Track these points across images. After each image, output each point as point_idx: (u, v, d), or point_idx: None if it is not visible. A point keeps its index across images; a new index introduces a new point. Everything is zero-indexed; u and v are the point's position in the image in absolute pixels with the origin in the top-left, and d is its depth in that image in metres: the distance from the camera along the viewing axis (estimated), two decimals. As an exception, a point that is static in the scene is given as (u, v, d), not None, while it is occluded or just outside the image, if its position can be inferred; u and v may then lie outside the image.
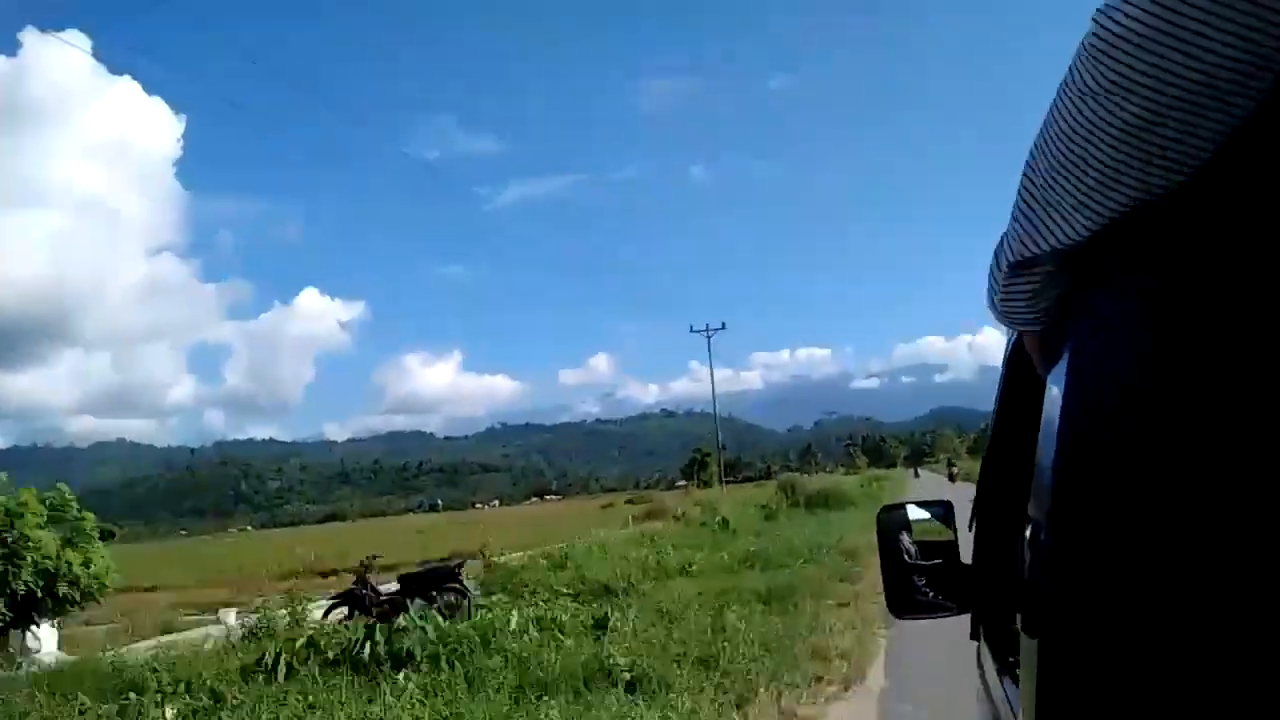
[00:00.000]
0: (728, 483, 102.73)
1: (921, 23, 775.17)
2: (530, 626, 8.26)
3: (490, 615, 9.20)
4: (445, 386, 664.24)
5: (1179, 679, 0.59)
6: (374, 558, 11.88)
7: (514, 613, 8.57)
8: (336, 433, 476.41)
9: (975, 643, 1.95)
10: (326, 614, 11.30)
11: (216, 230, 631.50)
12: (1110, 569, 0.62)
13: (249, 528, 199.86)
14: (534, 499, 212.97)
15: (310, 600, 11.15)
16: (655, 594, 12.10)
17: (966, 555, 1.87)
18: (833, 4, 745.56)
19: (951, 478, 44.28)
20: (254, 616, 10.98)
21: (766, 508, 29.44)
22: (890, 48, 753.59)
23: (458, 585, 11.32)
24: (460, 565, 11.70)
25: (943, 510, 1.90)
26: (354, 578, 11.46)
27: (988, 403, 1.82)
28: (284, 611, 9.77)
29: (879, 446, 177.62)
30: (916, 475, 69.46)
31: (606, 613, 8.71)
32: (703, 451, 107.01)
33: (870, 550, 17.15)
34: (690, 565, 14.58)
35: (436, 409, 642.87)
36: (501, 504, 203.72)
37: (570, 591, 11.84)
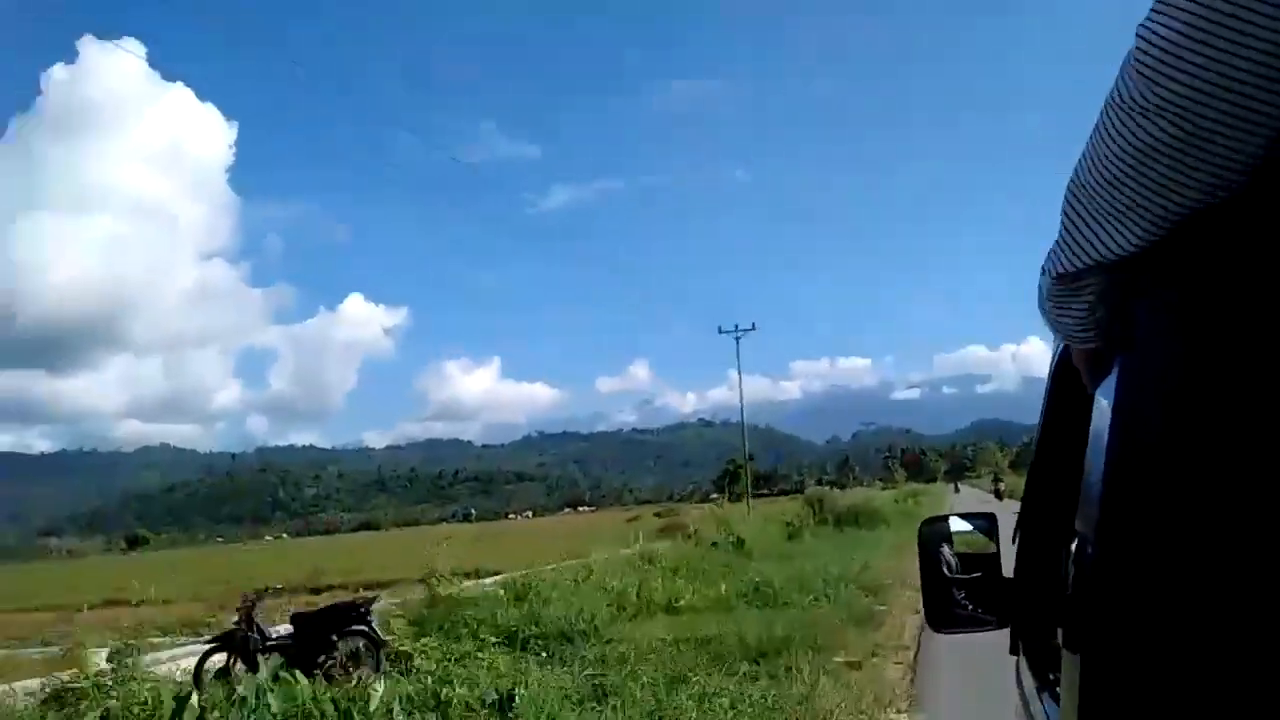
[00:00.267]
0: (762, 495, 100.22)
1: (970, 25, 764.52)
2: (398, 707, 5.87)
3: (371, 680, 6.85)
4: (484, 394, 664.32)
5: (1222, 697, 0.58)
6: (267, 590, 9.61)
7: (379, 684, 6.16)
8: (376, 440, 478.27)
9: (1014, 657, 1.87)
10: (202, 662, 9.05)
11: (265, 235, 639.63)
12: (1157, 585, 0.61)
13: (284, 535, 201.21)
14: (567, 510, 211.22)
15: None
16: (621, 641, 9.68)
17: (1009, 569, 1.78)
18: (880, 6, 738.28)
19: (998, 494, 40.35)
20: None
21: (791, 525, 26.84)
22: (936, 51, 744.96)
23: (365, 629, 8.99)
24: (369, 602, 9.35)
25: (986, 523, 1.85)
26: (238, 610, 9.19)
27: (1031, 415, 1.83)
28: (107, 664, 7.45)
29: (919, 459, 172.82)
30: (957, 490, 66.27)
31: (513, 686, 6.28)
32: (736, 463, 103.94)
33: (901, 584, 14.44)
34: (678, 600, 12.12)
35: (475, 416, 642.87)
36: (535, 515, 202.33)
37: (504, 637, 9.47)
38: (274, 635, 9.08)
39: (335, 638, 8.85)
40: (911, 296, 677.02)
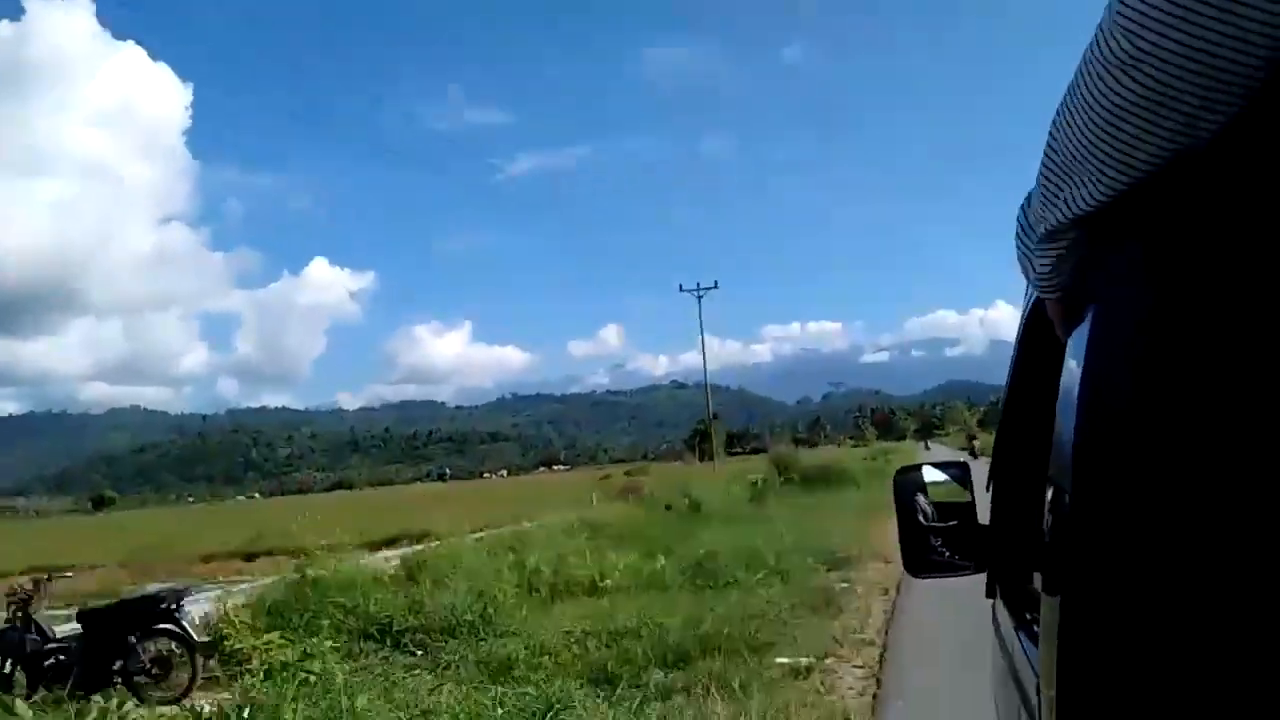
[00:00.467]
0: (735, 454, 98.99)
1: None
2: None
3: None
4: (456, 357, 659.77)
5: (1203, 634, 0.59)
6: (50, 577, 7.57)
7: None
8: (349, 401, 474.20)
9: (991, 600, 1.93)
10: (-35, 669, 7.04)
11: (225, 200, 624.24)
12: (1132, 527, 0.62)
13: (256, 495, 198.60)
14: (542, 469, 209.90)
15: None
16: (517, 635, 7.78)
17: (983, 516, 1.81)
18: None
19: (973, 452, 37.51)
20: None
21: (755, 485, 25.11)
22: (907, 21, 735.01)
23: (173, 627, 7.00)
24: (178, 595, 7.32)
25: (960, 471, 1.86)
26: (10, 605, 7.15)
27: (998, 376, 1.84)
28: None
29: (889, 419, 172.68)
30: (927, 448, 65.37)
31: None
32: (706, 422, 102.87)
33: (870, 554, 12.63)
34: (604, 579, 10.21)
35: (448, 379, 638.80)
36: (509, 474, 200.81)
37: (376, 629, 7.53)
38: (58, 636, 7.07)
39: (134, 639, 6.86)
40: (884, 262, 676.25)
